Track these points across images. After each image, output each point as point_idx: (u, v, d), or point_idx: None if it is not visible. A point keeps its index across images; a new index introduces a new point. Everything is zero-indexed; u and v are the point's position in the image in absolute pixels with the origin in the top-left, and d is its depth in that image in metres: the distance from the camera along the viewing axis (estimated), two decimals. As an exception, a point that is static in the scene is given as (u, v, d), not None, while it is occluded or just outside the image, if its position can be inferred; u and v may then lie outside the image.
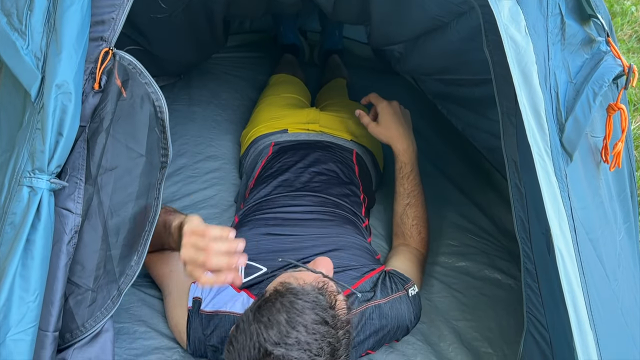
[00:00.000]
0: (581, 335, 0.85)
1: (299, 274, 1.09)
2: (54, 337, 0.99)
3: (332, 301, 1.00)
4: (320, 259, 1.15)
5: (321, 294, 1.00)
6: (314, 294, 0.99)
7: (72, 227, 1.01)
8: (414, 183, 1.57)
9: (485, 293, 1.52)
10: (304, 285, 1.01)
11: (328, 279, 1.09)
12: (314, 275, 1.08)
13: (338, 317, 1.00)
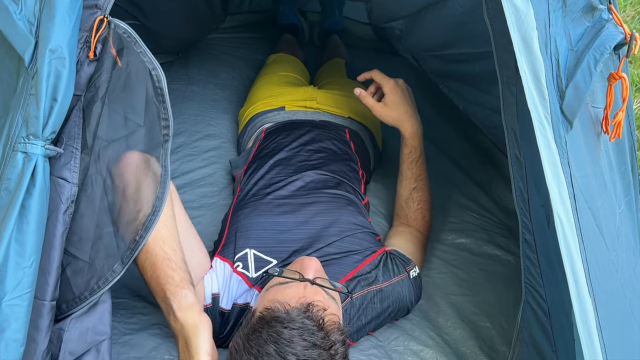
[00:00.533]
0: (580, 302, 0.84)
1: (284, 293, 1.06)
2: (51, 307, 0.99)
3: (319, 322, 1.00)
4: (307, 260, 1.13)
5: (307, 318, 0.99)
6: (300, 320, 0.98)
7: (69, 197, 1.00)
8: (422, 167, 1.54)
9: (485, 269, 1.52)
10: (289, 309, 1.00)
11: (316, 286, 1.07)
12: (301, 291, 1.06)
13: (328, 336, 0.99)
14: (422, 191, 1.54)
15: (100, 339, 1.04)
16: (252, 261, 1.27)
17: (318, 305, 1.02)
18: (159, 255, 1.08)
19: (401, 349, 1.33)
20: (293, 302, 1.02)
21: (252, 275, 1.26)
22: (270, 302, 1.03)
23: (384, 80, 1.51)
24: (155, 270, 1.08)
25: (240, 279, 1.26)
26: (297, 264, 1.15)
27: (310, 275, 1.09)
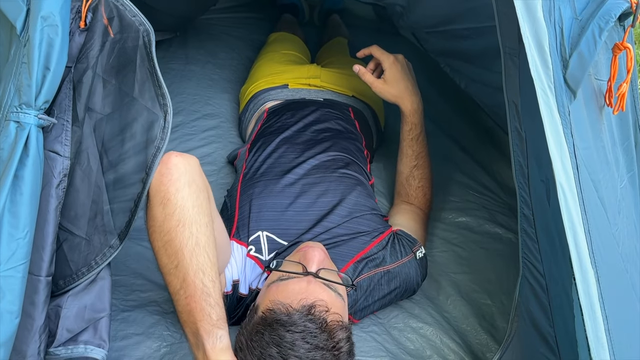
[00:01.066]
0: (582, 273, 0.83)
1: (287, 290, 1.03)
2: (46, 282, 0.97)
3: (322, 324, 0.97)
4: (310, 250, 1.10)
5: (310, 321, 0.97)
6: (302, 323, 0.96)
7: (61, 170, 0.98)
8: (422, 144, 1.52)
9: (485, 247, 1.50)
10: (290, 312, 0.98)
11: (320, 281, 1.05)
12: (303, 287, 1.03)
13: (332, 337, 0.98)
14: (422, 169, 1.52)
15: (99, 316, 1.03)
16: (265, 243, 1.26)
17: (320, 306, 0.99)
18: (197, 288, 0.96)
19: (401, 326, 1.32)
20: (295, 302, 0.99)
21: (265, 258, 1.25)
22: (272, 302, 1.01)
23: (384, 56, 1.48)
24: (192, 303, 0.96)
25: (254, 262, 1.25)
26: (300, 253, 1.12)
27: (314, 268, 1.06)
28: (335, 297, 1.05)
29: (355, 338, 1.26)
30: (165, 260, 0.99)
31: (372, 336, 1.29)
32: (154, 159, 1.01)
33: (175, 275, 0.97)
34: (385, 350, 1.26)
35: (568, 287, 1.18)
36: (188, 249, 0.96)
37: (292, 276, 1.05)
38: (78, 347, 0.99)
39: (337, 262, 1.24)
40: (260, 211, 1.31)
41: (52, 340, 0.99)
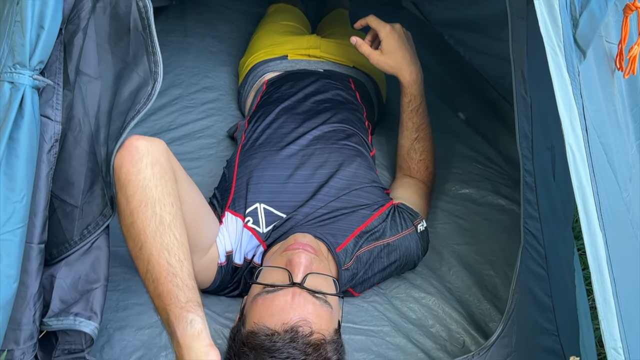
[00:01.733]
0: (590, 235, 0.81)
1: (271, 307, 1.01)
2: (39, 250, 0.95)
3: (305, 348, 0.96)
4: (296, 256, 1.07)
5: (293, 348, 0.96)
6: (286, 350, 0.95)
7: (52, 135, 0.95)
8: (423, 116, 1.48)
9: (488, 218, 1.48)
10: (274, 338, 0.96)
11: (306, 293, 1.03)
12: (288, 303, 1.01)
13: (318, 356, 0.97)
14: (424, 141, 1.49)
15: (92, 287, 1.01)
16: (263, 216, 1.24)
17: (303, 327, 0.98)
18: (162, 268, 0.92)
19: (403, 296, 1.31)
20: (278, 325, 0.98)
21: (262, 230, 1.23)
22: (256, 325, 1.00)
23: (380, 26, 1.43)
24: (158, 286, 0.92)
25: (251, 234, 1.23)
26: (284, 258, 1.09)
27: (299, 277, 1.04)
28: (320, 307, 1.03)
29: (356, 308, 1.27)
30: (131, 244, 0.96)
31: (374, 306, 1.28)
32: (128, 124, 0.99)
33: (141, 259, 0.94)
34: (387, 319, 1.25)
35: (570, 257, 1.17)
36: (151, 229, 0.93)
37: (275, 291, 1.03)
38: (68, 318, 0.97)
39: (337, 237, 1.23)
40: (258, 183, 1.29)
41: (46, 311, 0.98)
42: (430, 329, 1.24)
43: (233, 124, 1.73)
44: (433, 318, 1.26)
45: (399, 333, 1.22)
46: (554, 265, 1.05)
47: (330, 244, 1.21)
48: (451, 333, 1.24)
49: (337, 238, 1.23)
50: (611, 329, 0.79)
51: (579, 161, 0.83)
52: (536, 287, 1.03)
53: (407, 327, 1.24)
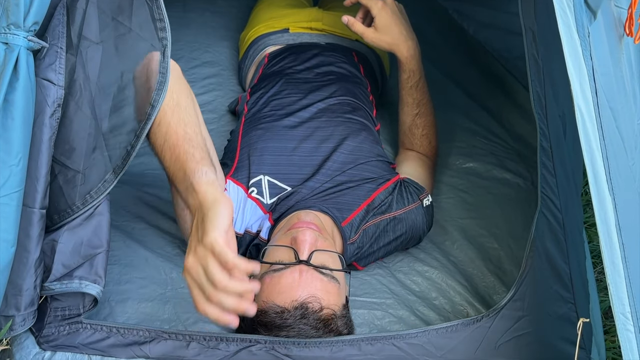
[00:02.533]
0: (599, 200, 0.79)
1: (279, 286, 1.01)
2: (41, 215, 0.95)
3: (316, 323, 0.99)
4: (300, 234, 1.05)
5: (304, 324, 0.98)
6: (297, 326, 0.98)
7: (55, 100, 0.94)
8: (423, 91, 1.45)
9: (493, 192, 1.47)
10: (284, 315, 0.98)
11: (313, 270, 1.02)
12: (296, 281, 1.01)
13: (328, 330, 1.00)
14: (425, 116, 1.47)
15: (95, 252, 1.01)
16: (267, 187, 1.23)
17: (313, 303, 0.99)
18: (179, 135, 0.98)
19: (406, 269, 1.30)
20: (287, 302, 0.99)
21: (266, 201, 1.22)
22: (265, 303, 1.00)
23: (371, 2, 1.37)
24: (175, 150, 0.97)
25: (255, 204, 1.21)
26: (289, 236, 1.07)
27: (305, 254, 1.03)
28: (328, 283, 1.03)
29: (359, 281, 1.26)
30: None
31: (377, 279, 1.27)
32: (159, 94, 0.97)
33: (158, 133, 0.99)
34: (390, 291, 1.24)
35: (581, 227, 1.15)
36: (169, 107, 0.99)
37: (282, 269, 1.03)
38: (73, 282, 0.97)
39: (343, 211, 1.22)
40: (262, 155, 1.27)
41: (47, 275, 0.97)
42: (434, 302, 1.23)
43: (234, 98, 1.70)
44: (436, 291, 1.25)
45: (402, 305, 1.21)
46: (570, 232, 1.04)
47: (336, 218, 1.20)
48: (454, 305, 1.23)
49: (342, 212, 1.22)
50: (620, 294, 0.77)
51: (589, 124, 0.81)
52: (555, 254, 1.01)
53: (410, 299, 1.23)
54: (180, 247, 1.28)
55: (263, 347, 0.98)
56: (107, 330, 0.99)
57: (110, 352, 0.98)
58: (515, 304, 1.02)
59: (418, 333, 1.01)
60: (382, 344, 1.00)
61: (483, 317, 1.03)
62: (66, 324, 0.99)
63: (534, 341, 1.02)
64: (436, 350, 1.01)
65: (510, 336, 1.02)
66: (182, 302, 1.17)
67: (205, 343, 0.99)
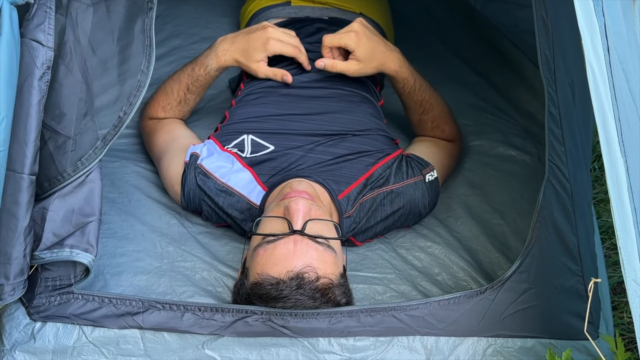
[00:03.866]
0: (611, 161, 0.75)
1: (273, 257, 0.98)
2: (30, 181, 0.92)
3: (313, 293, 0.96)
4: (293, 203, 1.02)
5: (300, 294, 0.95)
6: (293, 297, 0.95)
7: (44, 62, 0.91)
8: (422, 90, 1.37)
9: (498, 169, 1.43)
10: (280, 286, 0.95)
11: (307, 239, 0.99)
12: (290, 250, 0.98)
13: (325, 299, 0.97)
14: (431, 111, 1.40)
15: (87, 220, 0.98)
16: (249, 145, 1.21)
17: (309, 273, 0.96)
18: (182, 70, 1.37)
19: (408, 245, 1.26)
20: (282, 273, 0.95)
21: (246, 155, 1.20)
22: (260, 275, 0.97)
23: (343, 39, 1.27)
24: (180, 71, 1.38)
25: (232, 156, 1.21)
26: (281, 207, 1.04)
27: (299, 224, 0.99)
28: (324, 252, 1.00)
29: (359, 256, 1.23)
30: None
31: (379, 253, 1.24)
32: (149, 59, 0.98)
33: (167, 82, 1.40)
34: (392, 266, 1.21)
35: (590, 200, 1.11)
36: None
37: (276, 240, 1.00)
38: (63, 250, 0.94)
39: (340, 184, 1.19)
40: (249, 117, 1.27)
41: (37, 244, 0.95)
42: (437, 277, 1.20)
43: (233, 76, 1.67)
44: (439, 266, 1.22)
45: (403, 280, 1.18)
46: (579, 204, 1.00)
47: (332, 190, 1.17)
48: (458, 281, 1.19)
49: (339, 185, 1.19)
50: (631, 260, 0.74)
51: (600, 83, 0.77)
52: (562, 225, 0.97)
53: (412, 274, 1.20)
54: (177, 219, 1.25)
55: (259, 318, 0.95)
56: (99, 301, 0.97)
57: (102, 323, 0.95)
58: (521, 276, 0.99)
59: (419, 304, 0.98)
60: (382, 315, 0.97)
61: (487, 289, 0.99)
62: (57, 294, 0.96)
63: (540, 314, 0.98)
64: (437, 322, 0.98)
65: (515, 309, 0.98)
66: (178, 275, 1.14)
67: (200, 314, 0.96)
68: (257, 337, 0.96)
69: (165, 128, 1.37)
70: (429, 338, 0.98)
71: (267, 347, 0.96)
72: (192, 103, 1.40)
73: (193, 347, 0.95)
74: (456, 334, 0.98)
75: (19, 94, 0.90)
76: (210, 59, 1.31)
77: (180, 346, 0.95)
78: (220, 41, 1.32)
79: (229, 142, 1.23)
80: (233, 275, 1.15)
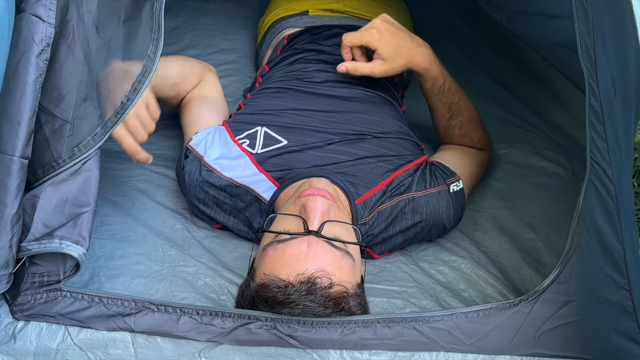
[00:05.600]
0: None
1: (283, 257, 0.89)
2: (21, 164, 0.85)
3: (324, 302, 0.85)
4: (311, 201, 0.93)
5: (310, 301, 0.85)
6: (302, 303, 0.85)
7: (43, 38, 0.85)
8: (451, 92, 1.29)
9: (530, 180, 1.33)
10: (287, 290, 0.85)
11: (323, 241, 0.90)
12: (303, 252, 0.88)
13: (338, 309, 0.87)
14: (460, 115, 1.31)
15: (81, 211, 0.90)
16: (261, 138, 1.13)
17: (321, 278, 0.85)
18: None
19: (431, 259, 1.16)
20: (292, 276, 0.86)
21: (257, 151, 1.12)
22: (267, 276, 0.87)
23: (364, 37, 1.18)
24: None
25: (243, 152, 1.13)
26: (298, 205, 0.95)
27: (315, 225, 0.90)
28: (341, 258, 0.90)
29: (377, 269, 1.13)
30: None
31: (398, 266, 1.14)
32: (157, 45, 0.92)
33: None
34: (413, 280, 1.10)
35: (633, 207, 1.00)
36: None
37: (288, 239, 0.90)
38: (52, 241, 0.86)
39: (357, 187, 1.10)
40: (266, 109, 1.20)
41: (25, 236, 0.86)
42: (462, 293, 1.09)
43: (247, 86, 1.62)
44: (465, 282, 1.11)
45: (425, 295, 1.07)
46: (623, 210, 0.89)
47: (350, 194, 1.08)
48: (486, 298, 1.08)
49: (357, 188, 1.10)
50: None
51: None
52: (606, 230, 0.86)
53: (435, 288, 1.09)
54: (182, 223, 1.17)
55: (263, 325, 0.85)
56: (89, 300, 0.88)
57: (89, 323, 0.86)
58: (560, 287, 0.87)
59: (444, 316, 0.87)
60: (401, 326, 0.86)
61: (521, 301, 0.88)
62: (44, 291, 0.88)
63: (582, 332, 0.86)
64: (465, 337, 0.86)
65: (554, 324, 0.87)
66: (179, 280, 1.05)
67: (198, 318, 0.86)
68: (260, 346, 0.85)
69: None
70: (454, 355, 0.86)
71: (271, 358, 0.85)
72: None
73: (189, 354, 0.85)
74: (486, 351, 0.86)
75: (15, 71, 0.84)
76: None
77: (174, 353, 0.85)
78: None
79: (241, 131, 1.16)
80: (239, 282, 1.06)
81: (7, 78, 0.84)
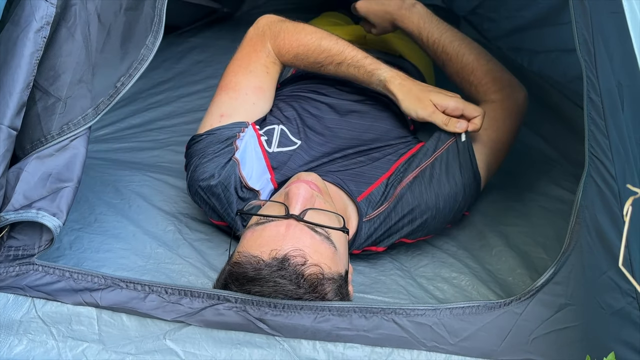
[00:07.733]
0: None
1: (260, 237, 0.86)
2: (8, 133, 0.86)
3: (297, 280, 0.81)
4: (294, 186, 0.91)
5: (281, 277, 0.81)
6: (273, 280, 0.81)
7: (44, 16, 0.89)
8: (450, 39, 1.28)
9: (544, 206, 1.25)
10: (259, 266, 0.82)
11: (303, 224, 0.87)
12: (280, 233, 0.85)
13: (314, 291, 0.83)
14: (450, 62, 1.29)
15: (62, 185, 0.90)
16: (277, 137, 1.12)
17: (296, 257, 0.82)
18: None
19: (430, 274, 1.09)
20: (265, 253, 0.83)
21: (273, 150, 1.11)
22: (240, 254, 0.85)
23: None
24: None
25: (261, 154, 1.11)
26: (283, 193, 0.94)
27: (297, 209, 0.88)
28: (321, 243, 0.86)
29: (370, 280, 1.07)
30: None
31: (393, 279, 1.07)
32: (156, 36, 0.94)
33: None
34: (408, 293, 1.04)
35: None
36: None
37: (268, 221, 0.87)
38: (29, 211, 0.85)
39: (359, 185, 1.08)
40: (284, 109, 1.19)
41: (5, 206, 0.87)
42: (460, 310, 1.01)
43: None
44: (464, 299, 1.04)
45: (419, 308, 0.99)
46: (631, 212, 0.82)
47: (351, 192, 1.06)
48: (486, 316, 0.99)
49: (359, 186, 1.08)
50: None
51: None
52: (608, 230, 0.79)
53: (431, 302, 1.01)
54: (175, 226, 1.16)
55: (233, 307, 0.80)
56: (60, 274, 0.86)
57: (56, 296, 0.83)
58: (556, 288, 0.80)
59: (427, 310, 0.80)
60: (380, 317, 0.79)
61: (512, 301, 0.80)
62: (17, 264, 0.86)
63: (581, 339, 0.78)
64: (449, 335, 0.78)
65: (549, 329, 0.78)
66: (161, 276, 1.03)
67: (165, 297, 0.82)
68: (229, 330, 0.80)
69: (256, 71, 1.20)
70: (437, 355, 0.78)
71: (240, 345, 0.80)
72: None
73: (153, 336, 0.81)
74: (472, 353, 0.78)
75: (14, 44, 0.87)
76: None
77: (139, 334, 0.81)
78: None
79: (261, 127, 1.15)
80: (223, 282, 1.02)
81: (6, 51, 0.88)
